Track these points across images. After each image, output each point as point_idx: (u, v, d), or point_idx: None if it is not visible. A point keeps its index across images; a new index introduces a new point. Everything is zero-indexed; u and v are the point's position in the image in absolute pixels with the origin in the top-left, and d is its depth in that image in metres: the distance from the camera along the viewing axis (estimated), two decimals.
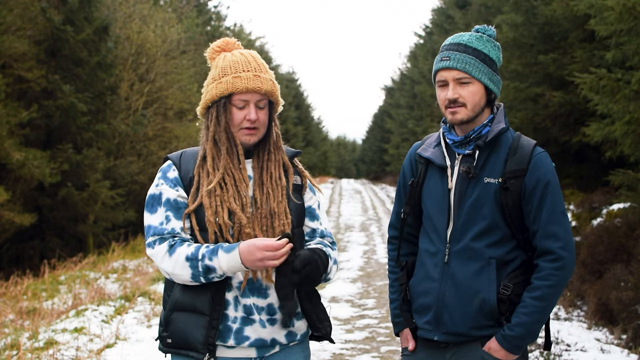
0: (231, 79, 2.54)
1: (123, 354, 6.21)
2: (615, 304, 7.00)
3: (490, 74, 2.67)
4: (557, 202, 2.63)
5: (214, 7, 30.38)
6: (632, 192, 7.41)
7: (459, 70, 2.63)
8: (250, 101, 2.56)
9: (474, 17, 17.12)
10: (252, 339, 2.52)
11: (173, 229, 2.52)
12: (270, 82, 2.58)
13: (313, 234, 2.70)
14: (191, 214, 2.53)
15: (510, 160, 2.65)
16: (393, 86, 47.54)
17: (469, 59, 2.64)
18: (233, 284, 2.53)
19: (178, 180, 2.58)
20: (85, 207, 14.89)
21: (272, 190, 2.59)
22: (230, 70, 2.56)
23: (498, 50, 2.72)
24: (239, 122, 2.57)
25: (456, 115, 2.66)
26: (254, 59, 2.60)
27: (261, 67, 2.59)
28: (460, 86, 2.64)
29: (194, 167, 2.59)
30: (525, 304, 2.59)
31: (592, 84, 7.11)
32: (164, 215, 2.53)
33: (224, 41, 2.68)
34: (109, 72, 15.67)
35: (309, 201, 2.71)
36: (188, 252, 2.46)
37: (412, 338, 2.80)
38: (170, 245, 2.49)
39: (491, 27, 2.75)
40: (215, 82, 2.57)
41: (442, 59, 2.67)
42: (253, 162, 2.63)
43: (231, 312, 2.52)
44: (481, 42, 2.68)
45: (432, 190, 2.76)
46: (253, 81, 2.54)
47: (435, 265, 2.72)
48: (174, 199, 2.55)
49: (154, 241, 2.52)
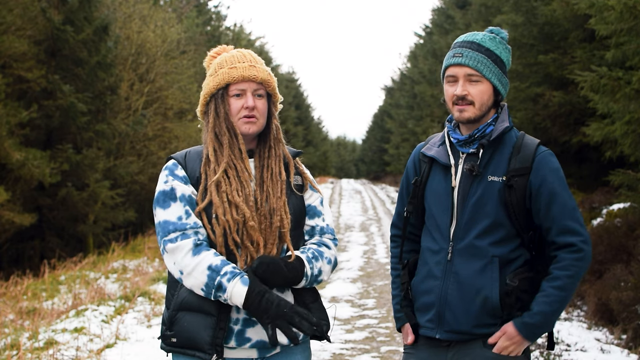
0: (227, 70, 2.59)
1: (123, 354, 6.20)
2: (615, 304, 7.00)
3: (500, 75, 2.69)
4: (568, 198, 2.64)
5: (214, 7, 30.38)
6: (632, 192, 7.40)
7: (471, 68, 2.65)
8: (247, 90, 2.59)
9: (474, 17, 17.11)
10: (253, 340, 2.52)
11: (195, 222, 2.51)
12: (266, 72, 2.62)
13: (312, 231, 2.70)
14: (202, 212, 2.53)
15: (514, 158, 2.66)
16: (393, 86, 47.55)
17: (482, 57, 2.66)
18: None
19: (186, 178, 2.58)
20: (85, 207, 14.88)
21: (272, 188, 2.59)
22: (225, 63, 2.62)
23: (509, 53, 2.75)
24: (237, 110, 2.58)
25: (463, 114, 2.68)
26: (249, 53, 2.66)
27: (257, 60, 2.64)
28: (470, 84, 2.66)
29: (199, 166, 2.59)
30: (547, 293, 2.59)
31: (592, 82, 7.11)
32: (183, 209, 2.51)
33: (220, 48, 2.74)
34: (109, 72, 15.66)
35: (309, 199, 2.71)
36: (213, 262, 2.44)
37: (412, 332, 2.81)
38: (196, 244, 2.47)
39: (505, 30, 2.79)
40: (212, 77, 2.62)
41: (455, 55, 2.68)
42: (255, 160, 2.63)
43: (233, 313, 2.52)
44: (494, 43, 2.71)
45: (436, 189, 2.77)
46: (249, 70, 2.59)
47: (437, 263, 2.73)
48: (189, 195, 2.55)
49: (177, 237, 2.48)
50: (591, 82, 7.14)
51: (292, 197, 2.65)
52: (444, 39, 22.85)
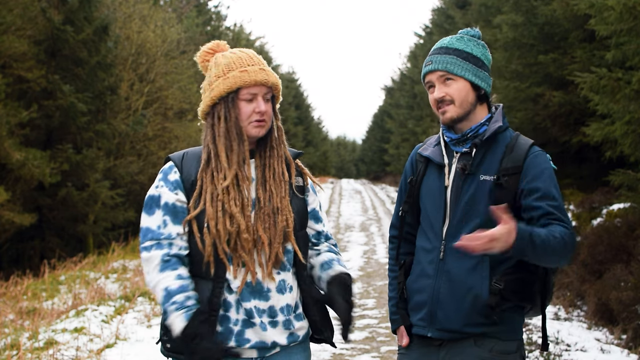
0: (238, 73, 2.54)
1: (123, 354, 6.20)
2: (615, 304, 7.00)
3: (475, 70, 2.72)
4: (558, 197, 2.63)
5: (214, 7, 30.40)
6: (632, 192, 7.41)
7: (441, 70, 2.71)
8: (258, 94, 2.55)
9: (474, 17, 17.11)
10: (252, 341, 2.52)
11: (170, 234, 2.50)
12: (275, 76, 2.60)
13: (319, 236, 2.73)
14: (192, 220, 2.51)
15: (506, 158, 2.67)
16: (393, 86, 47.54)
17: (450, 58, 2.72)
18: (233, 287, 2.52)
19: (179, 183, 2.55)
20: (85, 207, 14.89)
21: (274, 188, 2.58)
22: (235, 65, 2.56)
23: (483, 48, 2.78)
24: (248, 115, 2.55)
25: (446, 115, 2.72)
26: (255, 55, 2.62)
27: (263, 62, 2.62)
28: (445, 85, 2.71)
29: (196, 170, 2.56)
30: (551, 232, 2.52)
31: (592, 83, 7.11)
32: (162, 219, 2.51)
33: (214, 43, 2.67)
34: (109, 72, 15.67)
35: (312, 203, 2.72)
36: (170, 285, 2.45)
37: (407, 335, 2.82)
38: (164, 260, 2.48)
39: (475, 28, 2.84)
40: (221, 78, 2.55)
41: (426, 64, 2.78)
42: (255, 160, 2.61)
43: (232, 314, 2.52)
44: (462, 42, 2.76)
45: (430, 188, 2.79)
46: (260, 74, 2.55)
47: (430, 262, 2.74)
48: (172, 203, 2.52)
49: (151, 245, 2.50)
50: (591, 83, 7.15)
51: (295, 198, 2.65)
52: None
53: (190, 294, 2.46)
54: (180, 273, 2.48)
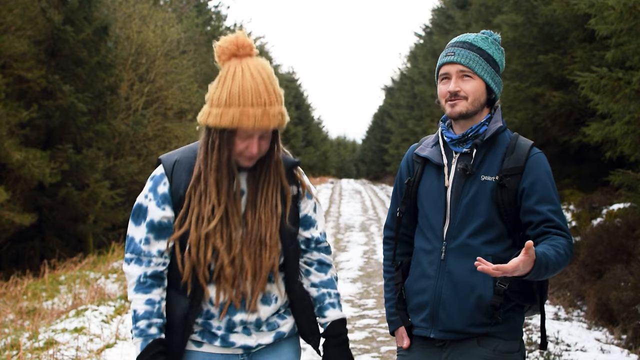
0: (238, 113, 2.31)
1: (123, 354, 6.21)
2: (615, 304, 7.00)
3: (492, 73, 2.73)
4: (557, 202, 2.65)
5: (214, 7, 30.43)
6: (632, 192, 7.40)
7: (463, 65, 2.69)
8: (254, 135, 2.38)
9: (474, 17, 17.11)
10: (238, 344, 2.51)
11: (149, 252, 2.45)
12: (278, 117, 2.36)
13: (308, 242, 2.63)
14: (176, 241, 2.45)
15: (507, 158, 2.68)
16: (393, 86, 47.58)
17: (473, 55, 2.71)
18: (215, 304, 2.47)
19: (167, 197, 2.45)
20: (85, 207, 14.89)
21: (264, 215, 2.47)
22: (238, 100, 2.32)
23: (502, 55, 2.79)
24: (241, 151, 2.41)
25: (455, 108, 2.70)
26: (265, 87, 2.35)
27: (272, 98, 2.35)
28: (463, 80, 2.70)
29: (185, 184, 2.44)
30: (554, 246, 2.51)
31: (592, 83, 7.10)
32: (145, 236, 2.46)
33: (235, 43, 2.37)
34: (109, 72, 15.68)
35: (304, 209, 2.60)
36: (139, 309, 2.44)
37: (407, 336, 2.81)
38: (139, 282, 2.45)
39: (497, 33, 2.84)
40: (221, 109, 2.34)
41: (447, 54, 2.74)
42: (248, 174, 2.49)
43: (215, 322, 2.50)
44: (486, 43, 2.75)
45: (429, 189, 2.78)
46: (260, 120, 2.32)
47: (431, 263, 2.73)
48: (158, 221, 2.45)
49: (132, 259, 2.47)
50: (591, 83, 7.14)
51: (285, 230, 2.52)
52: (444, 39, 22.84)
53: (154, 321, 2.43)
54: (150, 297, 2.44)
